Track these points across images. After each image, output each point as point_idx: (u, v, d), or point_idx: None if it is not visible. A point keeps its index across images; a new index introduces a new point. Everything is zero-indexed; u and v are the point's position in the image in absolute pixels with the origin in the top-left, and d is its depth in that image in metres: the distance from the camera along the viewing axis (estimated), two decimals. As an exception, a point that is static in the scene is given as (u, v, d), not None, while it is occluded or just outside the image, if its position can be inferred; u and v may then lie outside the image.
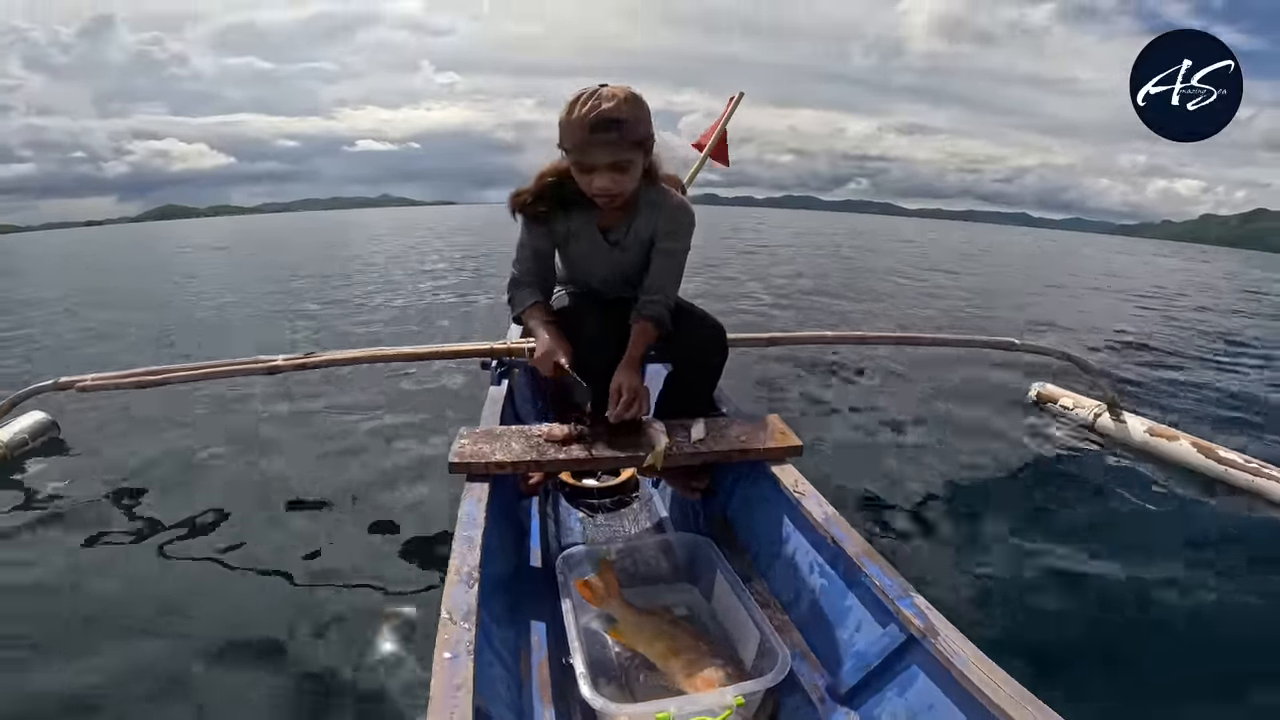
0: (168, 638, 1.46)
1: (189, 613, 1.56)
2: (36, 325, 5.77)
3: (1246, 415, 3.50)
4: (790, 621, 1.17)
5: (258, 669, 1.36)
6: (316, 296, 7.12)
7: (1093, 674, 1.43)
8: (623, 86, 1.29)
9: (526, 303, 1.50)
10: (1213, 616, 1.66)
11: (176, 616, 1.55)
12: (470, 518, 1.08)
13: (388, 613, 1.52)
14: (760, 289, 7.84)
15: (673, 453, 1.27)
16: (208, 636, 1.45)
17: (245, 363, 2.08)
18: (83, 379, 2.14)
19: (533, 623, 1.16)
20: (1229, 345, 5.81)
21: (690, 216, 1.50)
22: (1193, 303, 9.55)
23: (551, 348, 1.36)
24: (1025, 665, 1.35)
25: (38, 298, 7.93)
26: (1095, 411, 2.94)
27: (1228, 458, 2.43)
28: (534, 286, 1.53)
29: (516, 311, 1.53)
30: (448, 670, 0.76)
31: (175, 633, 1.48)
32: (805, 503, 1.17)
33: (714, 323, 1.55)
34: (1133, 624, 1.63)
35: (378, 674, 1.32)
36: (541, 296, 1.53)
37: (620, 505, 1.75)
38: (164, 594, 1.65)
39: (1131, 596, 1.74)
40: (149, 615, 1.55)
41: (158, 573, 1.75)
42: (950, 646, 0.83)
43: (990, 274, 12.63)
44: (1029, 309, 7.57)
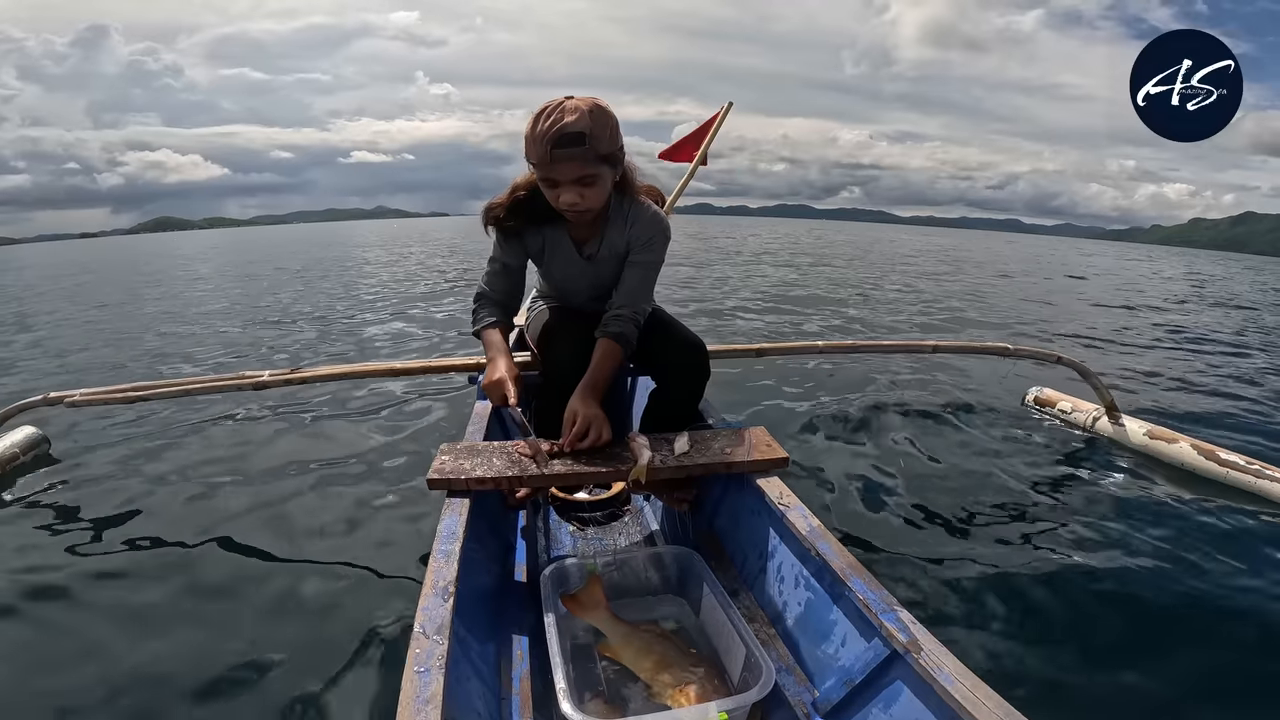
0: (146, 652, 1.46)
1: (170, 628, 1.55)
2: (28, 340, 5.78)
3: (1245, 417, 3.49)
4: (777, 635, 1.16)
5: (233, 689, 1.34)
6: (304, 311, 7.12)
7: (1088, 689, 1.40)
8: (588, 98, 1.27)
9: (484, 322, 1.50)
10: (1215, 627, 1.63)
11: (158, 631, 1.54)
12: (449, 531, 1.06)
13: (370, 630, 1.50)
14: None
15: (656, 466, 1.25)
16: (187, 655, 1.44)
17: (232, 378, 2.08)
18: (72, 394, 2.15)
19: (515, 637, 1.14)
20: (1220, 347, 5.81)
21: (664, 229, 1.48)
22: (1184, 305, 9.57)
23: (501, 378, 1.37)
24: (1014, 679, 1.34)
25: (30, 311, 7.98)
26: (1093, 415, 2.93)
27: (1228, 459, 2.42)
28: (498, 305, 1.52)
29: (475, 328, 1.53)
30: (416, 684, 0.75)
31: (152, 649, 1.47)
32: (790, 515, 1.15)
33: (695, 342, 1.51)
34: (1131, 634, 1.60)
35: (355, 696, 1.30)
36: (501, 316, 1.52)
37: (611, 519, 1.73)
38: (147, 608, 1.64)
39: (1131, 606, 1.71)
40: (131, 629, 1.54)
41: (142, 586, 1.73)
42: (933, 662, 0.82)
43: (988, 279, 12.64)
44: (1024, 314, 7.58)
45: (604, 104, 1.27)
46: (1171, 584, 1.80)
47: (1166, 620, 1.65)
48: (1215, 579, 1.82)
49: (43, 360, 4.83)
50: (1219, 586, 1.78)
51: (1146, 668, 1.46)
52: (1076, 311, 8.12)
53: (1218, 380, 4.40)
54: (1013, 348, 2.57)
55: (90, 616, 1.60)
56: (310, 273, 11.98)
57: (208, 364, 4.50)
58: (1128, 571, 1.86)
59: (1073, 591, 1.75)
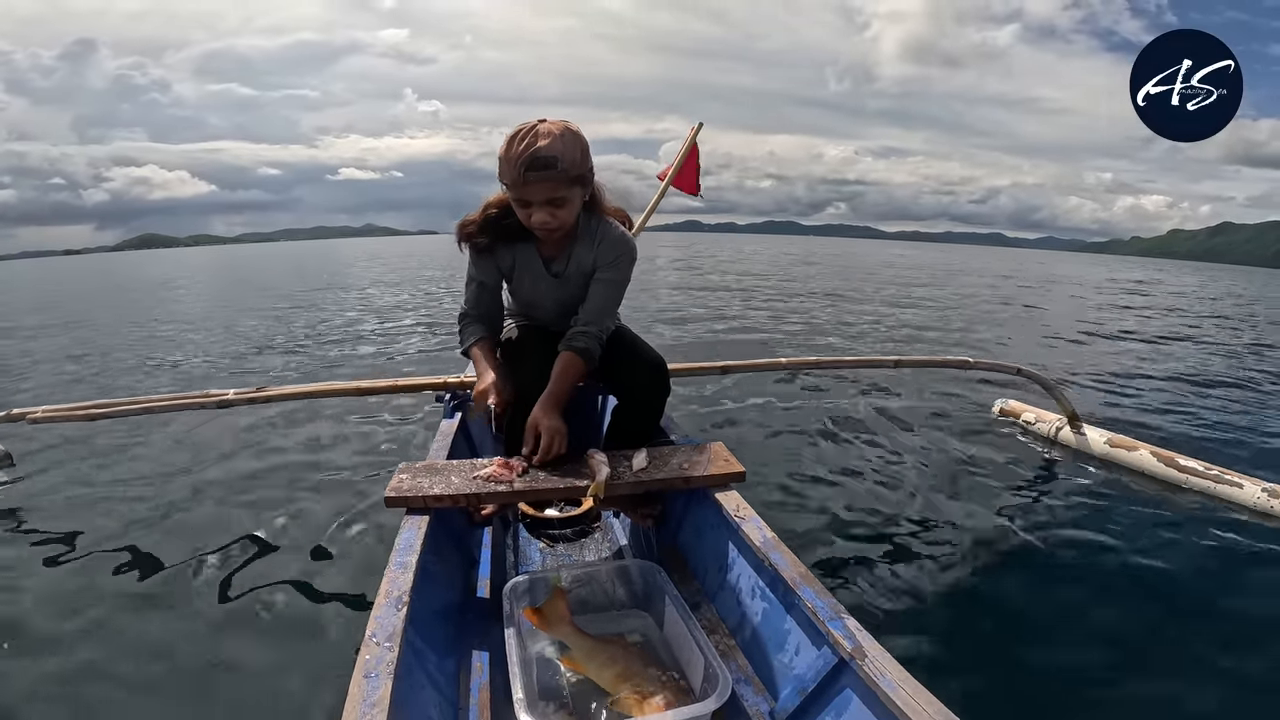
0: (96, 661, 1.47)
1: (121, 645, 1.55)
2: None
3: (1203, 423, 3.60)
4: (736, 646, 1.17)
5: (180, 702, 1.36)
6: (279, 329, 7.06)
7: (1034, 692, 1.44)
8: (559, 122, 1.31)
9: (472, 339, 1.54)
10: (1174, 627, 1.68)
11: (111, 648, 1.54)
12: (406, 545, 1.07)
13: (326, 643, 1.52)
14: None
15: (614, 482, 1.27)
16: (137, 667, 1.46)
17: (196, 396, 2.06)
18: (34, 411, 2.12)
19: (476, 650, 1.14)
20: (1182, 355, 5.99)
21: (630, 249, 1.52)
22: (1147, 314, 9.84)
23: (487, 388, 1.39)
24: (964, 683, 1.37)
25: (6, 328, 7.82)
26: (1056, 425, 3.00)
27: (1187, 465, 2.49)
28: (481, 321, 1.56)
29: (463, 346, 1.56)
30: (364, 688, 0.75)
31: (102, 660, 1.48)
32: (745, 527, 1.17)
33: (656, 360, 1.54)
34: (1082, 637, 1.64)
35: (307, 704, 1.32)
36: (487, 332, 1.56)
37: (581, 535, 1.74)
38: (100, 619, 1.64)
39: (1086, 609, 1.76)
40: (82, 644, 1.53)
41: (97, 599, 1.73)
42: (877, 668, 0.84)
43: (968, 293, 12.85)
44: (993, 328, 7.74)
45: (575, 127, 1.32)
46: (1129, 586, 1.86)
47: (1121, 623, 1.70)
48: (1173, 579, 1.88)
49: (7, 380, 4.74)
50: (1177, 587, 1.85)
51: (1098, 672, 1.50)
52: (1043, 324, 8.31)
53: (1178, 388, 4.54)
54: (973, 360, 2.64)
55: (44, 628, 1.60)
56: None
57: (178, 382, 4.44)
58: (1084, 575, 1.92)
59: (1027, 595, 1.81)
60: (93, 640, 1.55)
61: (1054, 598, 1.81)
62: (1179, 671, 1.50)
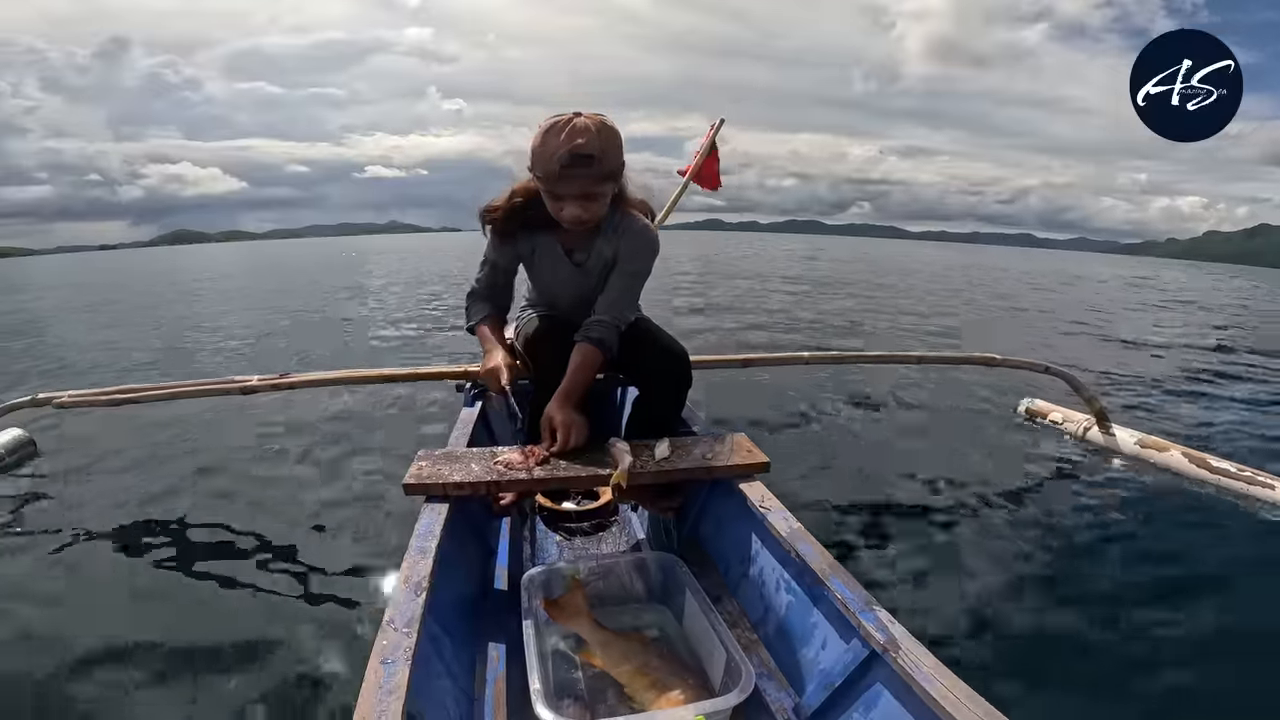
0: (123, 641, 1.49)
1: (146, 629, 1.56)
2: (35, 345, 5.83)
3: (1236, 426, 3.50)
4: (759, 640, 1.14)
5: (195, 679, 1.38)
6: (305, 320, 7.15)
7: (1067, 690, 1.40)
8: (595, 116, 1.28)
9: (479, 316, 1.57)
10: (1208, 630, 1.62)
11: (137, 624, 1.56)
12: (425, 530, 1.06)
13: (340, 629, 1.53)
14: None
15: (636, 471, 1.25)
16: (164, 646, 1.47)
17: (221, 382, 2.08)
18: (60, 395, 2.15)
19: (493, 642, 1.13)
20: (1212, 358, 5.84)
21: (652, 242, 1.50)
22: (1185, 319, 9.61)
23: (496, 365, 1.42)
24: (1001, 680, 1.34)
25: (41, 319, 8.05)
26: (1084, 425, 2.93)
27: (1220, 466, 2.42)
28: (489, 301, 1.58)
29: (470, 323, 1.58)
30: (380, 674, 0.74)
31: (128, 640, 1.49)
32: (771, 518, 1.14)
33: (677, 351, 1.52)
34: (1115, 636, 1.60)
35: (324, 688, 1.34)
36: (494, 311, 1.58)
37: (598, 529, 1.72)
38: (126, 602, 1.67)
39: (1118, 608, 1.71)
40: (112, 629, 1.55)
41: (121, 588, 1.75)
42: (911, 660, 0.81)
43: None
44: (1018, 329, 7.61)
45: (610, 122, 1.30)
46: (1162, 587, 1.81)
47: (1153, 623, 1.64)
48: (1208, 583, 1.83)
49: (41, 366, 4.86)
50: (1212, 590, 1.79)
51: (1132, 670, 1.45)
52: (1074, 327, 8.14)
53: (1209, 389, 4.43)
54: (999, 357, 2.58)
55: (71, 612, 1.62)
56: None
57: (206, 370, 4.51)
58: (1115, 574, 1.87)
59: (1057, 592, 1.76)
60: (108, 624, 1.57)
61: (1085, 596, 1.76)
62: (1216, 673, 1.46)
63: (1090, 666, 1.47)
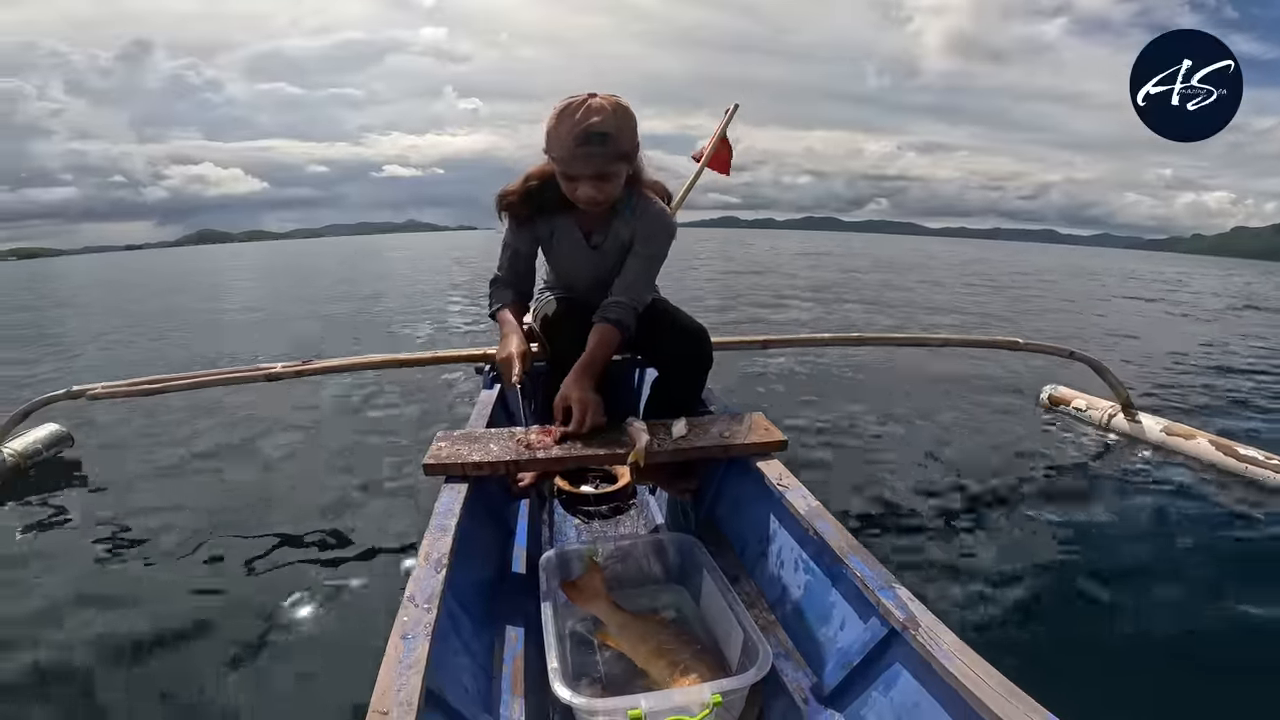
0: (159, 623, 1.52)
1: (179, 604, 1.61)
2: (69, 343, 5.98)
3: (1261, 414, 3.43)
4: (777, 620, 1.14)
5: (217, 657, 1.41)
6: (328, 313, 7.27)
7: (1089, 671, 1.38)
8: (611, 96, 1.28)
9: (500, 302, 1.58)
10: (1236, 619, 1.59)
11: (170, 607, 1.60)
12: (445, 509, 1.07)
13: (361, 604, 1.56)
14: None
15: (654, 450, 1.25)
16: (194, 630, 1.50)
17: (246, 370, 2.12)
18: (93, 387, 2.20)
19: (510, 625, 1.14)
20: (1240, 350, 5.69)
21: (669, 225, 1.50)
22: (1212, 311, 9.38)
23: (510, 354, 1.43)
24: (1023, 660, 1.32)
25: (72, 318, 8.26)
26: (1109, 412, 2.88)
27: (1247, 455, 2.38)
28: (512, 287, 1.59)
29: (491, 309, 1.60)
30: (401, 649, 0.74)
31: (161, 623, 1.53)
32: (789, 495, 1.13)
33: (696, 330, 1.52)
34: (1139, 618, 1.58)
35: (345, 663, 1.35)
36: (516, 297, 1.59)
37: (617, 512, 1.73)
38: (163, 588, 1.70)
39: (1143, 592, 1.69)
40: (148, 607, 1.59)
41: (158, 569, 1.80)
42: (931, 638, 0.79)
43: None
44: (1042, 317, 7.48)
45: (625, 102, 1.29)
46: (1186, 572, 1.78)
47: (1178, 607, 1.62)
48: (1235, 572, 1.79)
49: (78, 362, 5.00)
50: (1239, 579, 1.75)
51: (1153, 656, 1.44)
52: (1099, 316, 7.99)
53: (1236, 380, 4.32)
54: (1023, 341, 2.53)
55: (111, 600, 1.64)
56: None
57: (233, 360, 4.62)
58: (1139, 559, 1.85)
59: (1079, 578, 1.74)
60: (135, 606, 1.61)
61: (1108, 582, 1.73)
62: (1238, 664, 1.43)
63: (1110, 651, 1.45)
